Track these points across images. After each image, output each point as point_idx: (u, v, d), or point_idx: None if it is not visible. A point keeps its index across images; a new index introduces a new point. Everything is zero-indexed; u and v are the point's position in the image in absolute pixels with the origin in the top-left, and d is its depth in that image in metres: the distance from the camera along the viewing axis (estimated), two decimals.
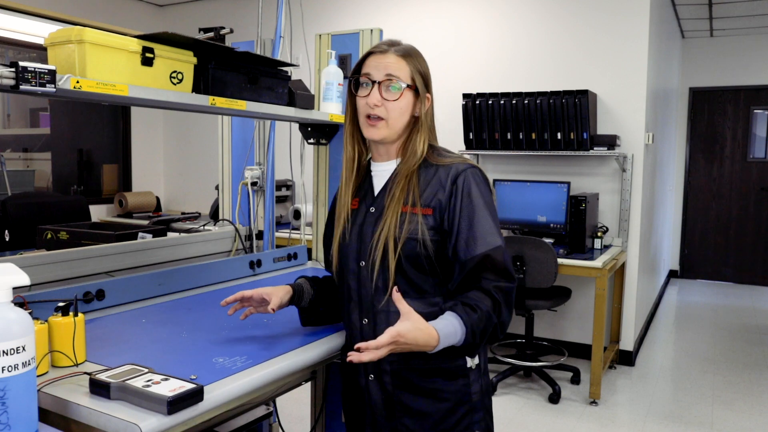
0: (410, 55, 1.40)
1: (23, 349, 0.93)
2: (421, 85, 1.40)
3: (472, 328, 1.26)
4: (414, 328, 1.20)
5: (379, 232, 1.35)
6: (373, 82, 1.37)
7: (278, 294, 1.47)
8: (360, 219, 1.43)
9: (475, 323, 1.26)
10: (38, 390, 1.04)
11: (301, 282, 1.55)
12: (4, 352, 0.91)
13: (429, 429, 1.37)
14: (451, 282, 1.37)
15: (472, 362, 1.38)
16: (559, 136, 4.02)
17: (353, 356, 1.18)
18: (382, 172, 1.45)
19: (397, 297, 1.23)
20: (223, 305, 1.49)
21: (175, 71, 1.54)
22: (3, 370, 0.91)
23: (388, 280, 1.35)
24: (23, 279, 0.96)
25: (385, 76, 1.37)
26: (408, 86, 1.38)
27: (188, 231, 3.58)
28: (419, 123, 1.41)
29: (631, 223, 4.22)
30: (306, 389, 2.48)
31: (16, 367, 0.92)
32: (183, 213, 5.21)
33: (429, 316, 1.27)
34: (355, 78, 1.42)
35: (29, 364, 0.94)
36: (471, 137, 4.28)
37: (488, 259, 1.30)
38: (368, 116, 1.39)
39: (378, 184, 1.45)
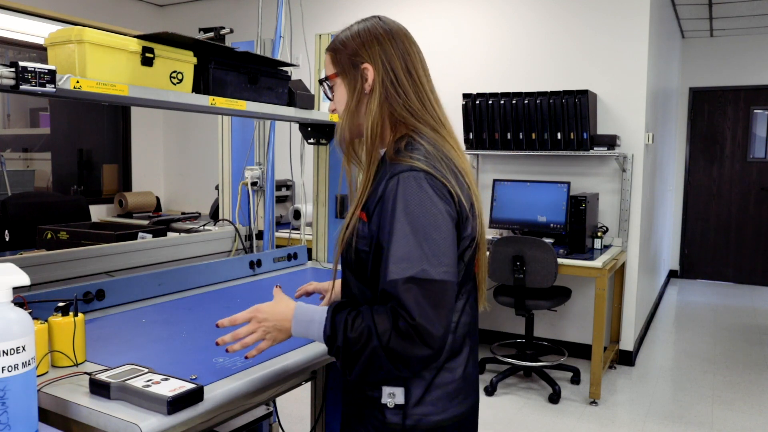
0: (332, 42, 1.27)
1: (23, 349, 0.93)
2: (346, 64, 1.23)
3: (335, 326, 1.11)
4: (274, 303, 1.22)
5: (339, 232, 1.25)
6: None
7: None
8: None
9: (343, 324, 1.10)
10: (38, 390, 1.04)
11: None
12: (4, 352, 0.91)
13: None
14: None
15: (390, 399, 1.15)
16: (559, 136, 4.02)
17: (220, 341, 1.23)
18: None
19: (276, 290, 1.26)
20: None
21: (175, 71, 1.54)
22: (3, 370, 0.91)
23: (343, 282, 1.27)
24: (23, 279, 0.96)
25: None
26: (328, 77, 1.27)
27: (188, 231, 3.58)
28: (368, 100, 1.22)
29: (631, 223, 4.21)
30: (306, 389, 2.48)
31: (16, 367, 0.92)
32: (183, 213, 5.22)
33: None
34: None
35: (29, 364, 0.94)
36: (471, 137, 4.28)
37: (384, 294, 1.09)
38: None
39: None
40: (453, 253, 1.10)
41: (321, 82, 1.30)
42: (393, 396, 1.15)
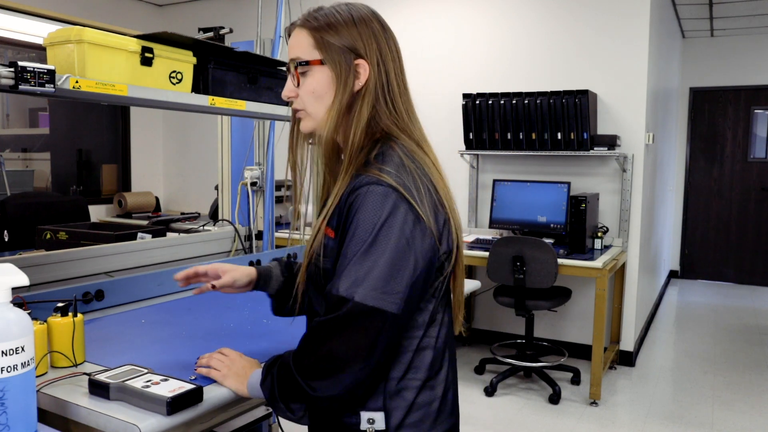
0: (314, 19, 1.08)
1: (22, 349, 0.93)
2: (336, 53, 1.07)
3: (268, 369, 1.08)
4: (243, 357, 1.21)
5: (306, 248, 1.14)
6: (288, 70, 1.13)
7: (234, 274, 1.30)
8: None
9: (272, 362, 1.08)
10: (37, 390, 1.04)
11: (270, 266, 1.35)
12: (3, 352, 0.90)
13: None
14: None
15: (369, 425, 1.07)
16: (559, 136, 4.01)
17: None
18: None
19: None
20: (176, 279, 1.34)
21: (174, 71, 1.54)
22: (2, 370, 0.91)
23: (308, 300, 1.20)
24: (22, 279, 0.95)
25: (290, 60, 1.11)
26: (309, 62, 1.08)
27: (188, 231, 3.57)
28: (356, 101, 1.09)
29: (632, 223, 4.21)
30: None
31: (15, 367, 0.92)
32: (182, 213, 5.20)
33: None
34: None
35: (28, 364, 0.94)
36: (471, 137, 4.28)
37: (325, 301, 1.03)
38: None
39: None
40: (402, 280, 0.99)
41: (298, 64, 1.10)
42: (372, 422, 1.06)
